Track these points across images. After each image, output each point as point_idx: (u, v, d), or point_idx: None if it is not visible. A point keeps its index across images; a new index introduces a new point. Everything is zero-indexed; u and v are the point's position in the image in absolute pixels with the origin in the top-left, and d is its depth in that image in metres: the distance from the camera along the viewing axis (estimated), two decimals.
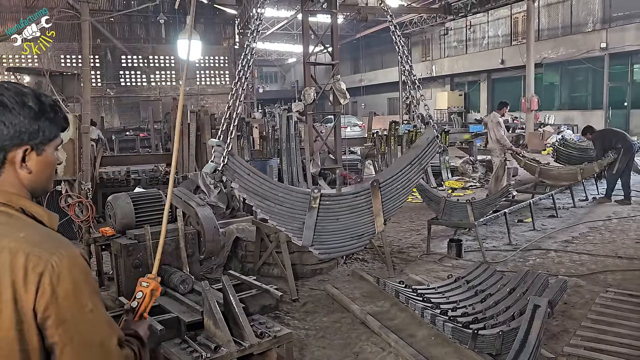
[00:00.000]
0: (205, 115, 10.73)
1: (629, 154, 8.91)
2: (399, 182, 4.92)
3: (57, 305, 1.12)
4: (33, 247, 1.14)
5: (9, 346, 1.11)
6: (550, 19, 24.95)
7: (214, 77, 30.09)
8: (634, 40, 19.99)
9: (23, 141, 1.22)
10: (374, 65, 39.79)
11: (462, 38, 30.85)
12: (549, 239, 6.90)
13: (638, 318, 4.11)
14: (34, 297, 1.11)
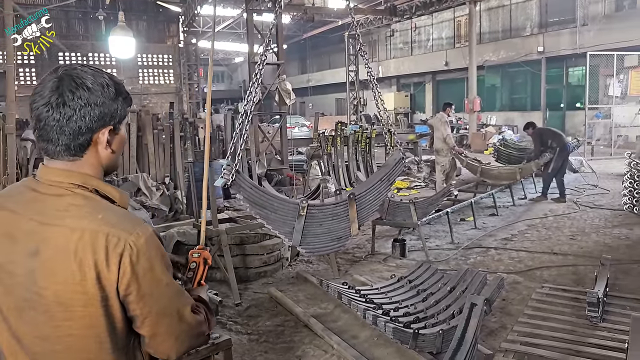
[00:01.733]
0: (146, 116, 10.41)
1: (564, 154, 9.29)
2: (370, 195, 5.69)
3: (138, 282, 1.22)
4: (111, 228, 1.20)
5: (97, 320, 1.21)
6: (491, 22, 25.76)
7: (157, 76, 29.34)
8: (568, 44, 20.92)
9: (106, 122, 1.29)
10: (321, 66, 39.96)
11: (407, 40, 31.41)
12: (490, 237, 7.08)
13: (571, 312, 4.24)
14: (116, 276, 1.19)
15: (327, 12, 24.36)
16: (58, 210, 1.22)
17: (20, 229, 1.23)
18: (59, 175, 1.26)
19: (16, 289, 1.23)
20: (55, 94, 1.22)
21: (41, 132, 1.25)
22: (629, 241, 6.58)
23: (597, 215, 8.10)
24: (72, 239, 1.19)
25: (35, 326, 1.23)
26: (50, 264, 1.20)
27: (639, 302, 4.42)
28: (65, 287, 1.19)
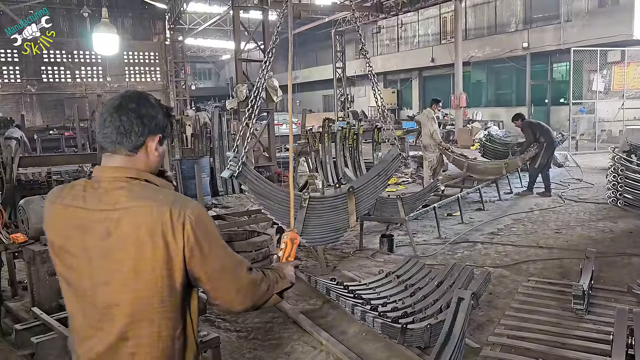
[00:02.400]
0: None
1: (551, 149, 9.38)
2: (368, 188, 6.00)
3: (199, 245, 1.47)
4: (172, 204, 1.46)
5: (162, 282, 1.45)
6: (476, 19, 25.89)
7: (144, 73, 29.10)
8: (552, 40, 21.08)
9: (158, 132, 1.59)
10: (308, 63, 39.89)
11: (394, 36, 31.47)
12: (476, 231, 7.13)
13: (557, 305, 4.30)
14: (182, 242, 1.45)
15: (314, 9, 24.31)
16: (123, 197, 1.48)
17: (91, 220, 1.48)
18: (117, 171, 1.53)
19: (91, 270, 1.48)
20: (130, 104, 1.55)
21: (106, 131, 1.54)
22: (613, 234, 6.67)
23: (582, 208, 8.19)
24: (140, 216, 1.45)
25: (109, 295, 1.47)
26: (123, 241, 1.45)
27: (623, 294, 4.48)
28: (139, 256, 1.44)
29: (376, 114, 30.05)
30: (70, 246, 1.51)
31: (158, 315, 1.48)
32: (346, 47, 31.71)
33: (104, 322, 1.49)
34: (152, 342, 1.50)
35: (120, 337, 1.48)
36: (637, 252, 5.80)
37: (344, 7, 23.74)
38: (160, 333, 1.50)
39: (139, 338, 1.49)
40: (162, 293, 1.47)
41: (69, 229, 1.50)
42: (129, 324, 1.47)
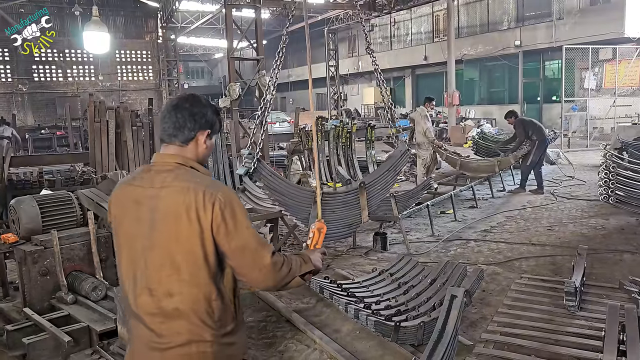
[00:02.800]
0: (125, 112, 10.27)
1: (543, 147, 9.41)
2: (379, 184, 6.16)
3: (225, 223, 1.74)
4: (206, 187, 1.76)
5: (197, 249, 1.74)
6: (469, 17, 25.95)
7: (136, 72, 28.96)
8: (544, 38, 21.18)
9: (207, 127, 1.89)
10: (301, 61, 39.80)
11: (386, 34, 31.49)
12: (469, 229, 7.15)
13: (549, 302, 4.31)
14: (210, 219, 1.73)
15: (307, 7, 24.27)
16: (169, 178, 1.79)
17: (144, 196, 1.80)
18: (170, 157, 1.86)
19: (141, 237, 1.78)
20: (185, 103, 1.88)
21: (164, 126, 1.87)
22: (605, 231, 6.71)
23: (574, 206, 8.23)
24: (180, 194, 1.75)
25: (156, 259, 1.76)
26: (165, 214, 1.75)
27: (615, 291, 4.51)
28: (177, 226, 1.73)
29: (369, 112, 30.10)
30: (128, 217, 1.83)
31: (196, 278, 1.76)
32: (339, 46, 31.71)
33: (152, 282, 1.78)
34: (192, 300, 1.76)
35: (166, 294, 1.76)
36: (628, 249, 5.84)
37: (337, 6, 23.76)
38: (198, 294, 1.76)
39: (181, 295, 1.76)
40: (198, 259, 1.76)
41: (129, 203, 1.84)
42: (173, 282, 1.76)
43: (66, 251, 3.82)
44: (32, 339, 3.10)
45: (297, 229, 6.24)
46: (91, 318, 3.31)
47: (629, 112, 17.19)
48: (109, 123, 9.94)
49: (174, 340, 1.78)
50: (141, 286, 1.80)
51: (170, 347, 1.77)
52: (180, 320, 1.77)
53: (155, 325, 1.78)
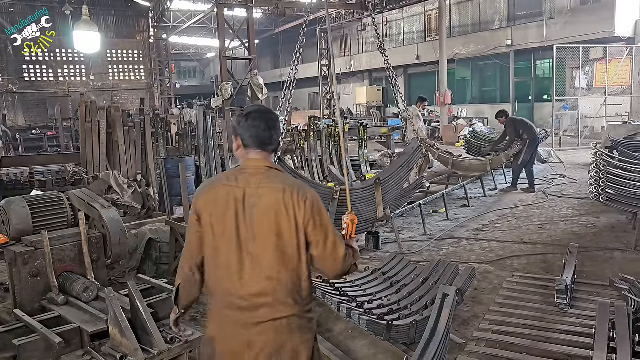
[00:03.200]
0: (116, 112, 10.22)
1: (534, 146, 9.46)
2: (393, 180, 6.52)
3: (314, 218, 2.09)
4: (299, 187, 2.13)
5: (293, 240, 2.09)
6: (461, 16, 26.02)
7: (128, 72, 28.82)
8: (535, 37, 21.27)
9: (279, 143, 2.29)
10: None
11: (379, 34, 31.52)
12: (462, 227, 7.18)
13: (541, 300, 4.35)
14: (303, 214, 2.07)
15: (298, 6, 24.25)
16: (263, 180, 2.11)
17: (242, 194, 2.10)
18: (261, 162, 2.16)
19: (242, 230, 2.10)
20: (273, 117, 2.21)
21: (262, 137, 2.15)
22: (596, 229, 6.75)
23: (565, 204, 8.29)
24: (277, 193, 2.08)
25: (257, 248, 2.09)
26: (265, 209, 2.08)
27: (605, 288, 4.54)
28: (277, 220, 2.07)
29: (362, 111, 30.11)
30: (227, 213, 2.11)
31: (290, 264, 2.10)
32: (332, 45, 31.67)
33: (255, 267, 2.09)
34: (286, 282, 2.09)
35: (265, 278, 2.08)
36: (619, 247, 5.88)
37: (329, 5, 23.74)
38: (290, 277, 2.10)
39: (278, 279, 2.09)
40: (293, 248, 2.09)
41: (227, 201, 2.12)
42: (272, 267, 2.08)
43: (57, 252, 3.79)
44: (23, 340, 3.07)
45: None
46: (82, 319, 3.29)
47: (620, 111, 17.32)
48: (100, 123, 9.89)
49: (268, 317, 2.10)
50: (242, 272, 2.11)
51: (264, 321, 2.09)
52: (274, 300, 2.09)
53: (252, 305, 2.10)
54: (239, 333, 2.11)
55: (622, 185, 6.15)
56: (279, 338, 2.10)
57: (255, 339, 2.10)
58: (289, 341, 2.12)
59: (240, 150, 2.20)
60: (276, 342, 2.10)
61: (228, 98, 11.38)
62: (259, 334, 2.09)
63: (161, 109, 24.89)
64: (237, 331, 2.11)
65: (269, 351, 2.10)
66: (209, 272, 2.19)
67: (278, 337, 2.10)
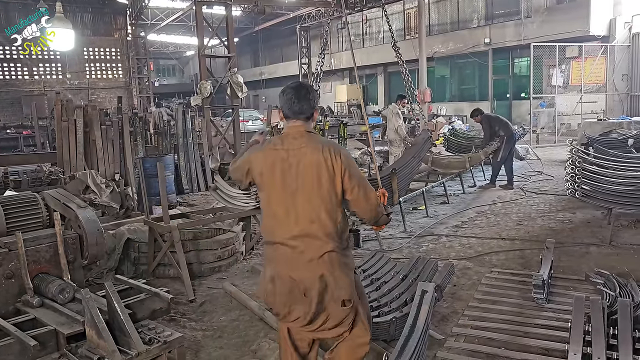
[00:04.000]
0: (93, 111, 10.07)
1: (511, 142, 9.55)
2: (407, 169, 6.96)
3: (349, 169, 2.54)
4: (333, 145, 2.61)
5: (332, 188, 2.52)
6: (439, 15, 26.21)
7: (105, 70, 28.41)
8: (513, 36, 21.53)
9: (316, 106, 2.70)
10: (274, 59, 39.68)
11: (359, 32, 31.57)
12: (441, 224, 7.23)
13: (518, 295, 4.40)
14: (339, 166, 2.51)
15: (278, 4, 24.19)
16: (304, 142, 2.56)
17: (288, 155, 2.55)
18: (300, 128, 2.61)
19: (290, 182, 2.53)
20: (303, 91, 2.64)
21: (295, 108, 2.60)
22: (572, 224, 6.87)
23: (542, 200, 8.41)
24: (317, 151, 2.52)
25: (300, 197, 2.53)
26: (308, 165, 2.52)
27: (581, 283, 4.62)
28: (318, 173, 2.51)
29: (342, 109, 30.14)
30: (277, 170, 2.55)
31: (330, 208, 2.54)
32: (312, 43, 31.69)
33: (300, 214, 2.53)
34: (326, 224, 2.54)
35: (310, 221, 2.53)
36: (594, 242, 5.98)
37: (309, 3, 23.73)
38: (330, 220, 2.54)
39: (320, 221, 2.53)
40: (332, 195, 2.54)
41: (276, 161, 2.56)
42: (314, 212, 2.52)
43: (32, 253, 3.73)
44: None
45: None
46: (58, 321, 3.24)
47: (595, 109, 17.65)
48: (76, 122, 9.74)
49: (313, 254, 2.53)
50: (291, 217, 2.54)
51: (311, 259, 2.53)
52: (317, 239, 2.53)
53: (300, 244, 2.53)
54: (290, 269, 2.56)
55: (597, 182, 6.26)
56: (322, 271, 2.53)
57: (303, 274, 2.54)
58: (331, 274, 2.54)
59: (283, 120, 2.71)
60: (320, 275, 2.53)
61: (207, 96, 11.28)
62: (306, 269, 2.54)
63: (140, 107, 24.58)
64: (288, 267, 2.56)
65: (315, 283, 2.52)
66: (264, 220, 2.70)
67: (322, 271, 2.53)
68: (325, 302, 2.57)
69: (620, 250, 5.66)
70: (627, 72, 18.30)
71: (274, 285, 2.60)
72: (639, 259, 5.33)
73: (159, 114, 13.83)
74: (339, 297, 2.58)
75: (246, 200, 6.10)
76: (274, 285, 2.60)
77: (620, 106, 18.20)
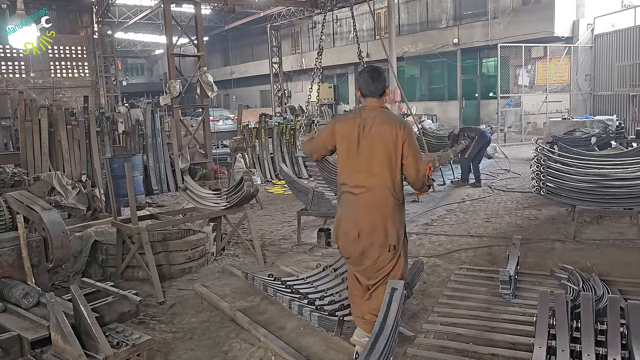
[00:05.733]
0: (58, 110, 9.85)
1: (481, 141, 9.67)
2: None
3: (408, 139, 3.19)
4: (397, 118, 3.35)
5: (394, 151, 3.19)
6: (409, 15, 26.47)
7: (71, 68, 27.78)
8: (480, 36, 21.90)
9: (387, 86, 3.33)
10: (244, 58, 39.47)
11: (329, 32, 31.61)
12: (411, 222, 7.30)
13: (486, 290, 4.48)
14: (402, 134, 3.17)
15: (248, 3, 24.05)
16: (377, 114, 3.26)
17: (364, 123, 3.24)
18: (374, 103, 3.31)
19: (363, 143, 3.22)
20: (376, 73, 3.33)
21: (371, 88, 3.28)
22: (538, 221, 7.03)
23: (509, 198, 8.58)
24: (387, 122, 3.21)
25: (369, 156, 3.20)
26: (378, 132, 3.19)
27: (547, 278, 4.73)
28: (386, 138, 3.17)
29: (313, 109, 30.14)
30: (353, 134, 3.27)
31: (390, 167, 3.22)
32: (282, 42, 31.59)
33: (367, 167, 3.23)
34: (387, 179, 3.22)
35: (374, 174, 3.21)
36: (559, 238, 6.14)
37: (279, 2, 23.66)
38: (390, 176, 3.23)
39: (381, 175, 3.22)
40: (392, 156, 3.21)
41: (354, 127, 3.27)
42: (379, 167, 3.21)
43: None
44: None
45: (241, 226, 6.18)
46: (22, 326, 3.16)
47: (560, 108, 18.08)
48: (41, 122, 9.52)
49: (372, 201, 3.22)
50: (359, 170, 3.24)
51: (370, 205, 3.22)
52: (378, 190, 3.22)
53: (363, 192, 3.23)
54: (352, 212, 3.26)
55: (561, 179, 6.41)
56: (377, 218, 3.21)
57: (361, 216, 3.22)
58: (383, 222, 3.21)
59: (361, 97, 3.40)
60: (375, 220, 3.21)
61: (177, 96, 11.15)
62: (364, 213, 3.22)
63: (107, 107, 24.13)
64: (351, 211, 3.26)
65: (369, 227, 3.21)
66: (341, 171, 3.36)
67: (377, 217, 3.21)
68: (374, 245, 3.22)
69: (584, 246, 5.82)
70: (589, 72, 18.80)
71: (340, 226, 3.33)
72: (601, 254, 5.49)
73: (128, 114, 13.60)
74: (387, 243, 3.23)
75: (216, 201, 6.05)
76: (339, 226, 3.33)
77: (583, 105, 18.70)
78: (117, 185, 7.40)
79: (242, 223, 6.18)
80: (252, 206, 8.16)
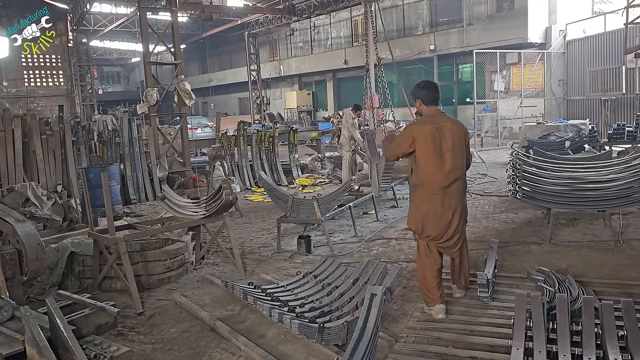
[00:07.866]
0: (33, 120, 9.69)
1: None
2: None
3: (467, 136, 4.28)
4: (459, 121, 4.39)
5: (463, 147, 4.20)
6: (386, 22, 26.66)
7: (45, 77, 27.35)
8: (456, 43, 22.21)
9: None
10: (222, 65, 39.35)
11: (307, 39, 31.75)
12: (391, 228, 7.35)
13: (465, 294, 4.52)
14: (464, 133, 4.23)
15: (225, 10, 24.03)
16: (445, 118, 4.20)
17: (439, 126, 4.07)
18: (437, 110, 4.26)
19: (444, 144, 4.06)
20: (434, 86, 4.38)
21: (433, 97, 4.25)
22: (515, 224, 7.13)
23: (486, 202, 8.69)
24: (456, 124, 4.19)
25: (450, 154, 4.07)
26: (451, 133, 4.08)
27: (524, 280, 4.80)
28: (459, 138, 4.13)
29: (292, 115, 30.20)
30: (431, 137, 4.01)
31: (463, 159, 4.15)
32: (260, 50, 31.57)
33: (451, 163, 4.04)
34: (463, 169, 4.18)
35: (457, 168, 4.10)
36: (535, 240, 6.22)
37: (257, 9, 23.69)
38: (464, 168, 4.18)
39: (462, 168, 4.16)
40: (463, 151, 4.14)
41: (431, 131, 4.03)
42: (459, 161, 4.11)
43: None
44: None
45: (220, 235, 6.15)
46: None
47: (534, 112, 18.42)
48: (14, 132, 9.34)
49: (458, 190, 4.14)
50: (444, 167, 4.02)
51: (458, 193, 4.13)
52: (461, 180, 4.14)
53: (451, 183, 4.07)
54: (448, 199, 4.08)
55: (537, 182, 6.51)
56: (460, 199, 4.16)
57: (456, 201, 4.11)
58: (462, 203, 4.19)
59: (422, 107, 4.23)
60: (458, 201, 4.14)
61: (154, 104, 11.07)
62: (455, 200, 4.10)
63: (83, 115, 23.81)
64: (447, 198, 4.07)
65: (457, 206, 4.12)
66: (423, 172, 4.07)
67: (460, 198, 4.16)
68: (462, 219, 4.17)
69: (559, 248, 5.92)
70: (563, 77, 19.20)
71: (427, 215, 4.08)
72: (576, 256, 5.59)
73: (103, 123, 13.44)
74: (466, 218, 4.31)
75: (195, 209, 6.01)
76: (427, 215, 4.08)
77: (557, 110, 19.07)
78: (93, 195, 7.29)
79: (222, 231, 6.14)
80: (232, 214, 8.14)
